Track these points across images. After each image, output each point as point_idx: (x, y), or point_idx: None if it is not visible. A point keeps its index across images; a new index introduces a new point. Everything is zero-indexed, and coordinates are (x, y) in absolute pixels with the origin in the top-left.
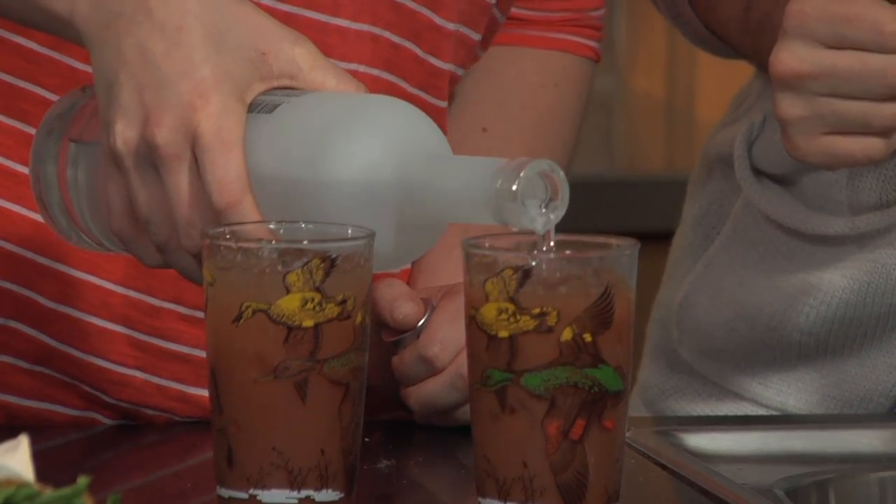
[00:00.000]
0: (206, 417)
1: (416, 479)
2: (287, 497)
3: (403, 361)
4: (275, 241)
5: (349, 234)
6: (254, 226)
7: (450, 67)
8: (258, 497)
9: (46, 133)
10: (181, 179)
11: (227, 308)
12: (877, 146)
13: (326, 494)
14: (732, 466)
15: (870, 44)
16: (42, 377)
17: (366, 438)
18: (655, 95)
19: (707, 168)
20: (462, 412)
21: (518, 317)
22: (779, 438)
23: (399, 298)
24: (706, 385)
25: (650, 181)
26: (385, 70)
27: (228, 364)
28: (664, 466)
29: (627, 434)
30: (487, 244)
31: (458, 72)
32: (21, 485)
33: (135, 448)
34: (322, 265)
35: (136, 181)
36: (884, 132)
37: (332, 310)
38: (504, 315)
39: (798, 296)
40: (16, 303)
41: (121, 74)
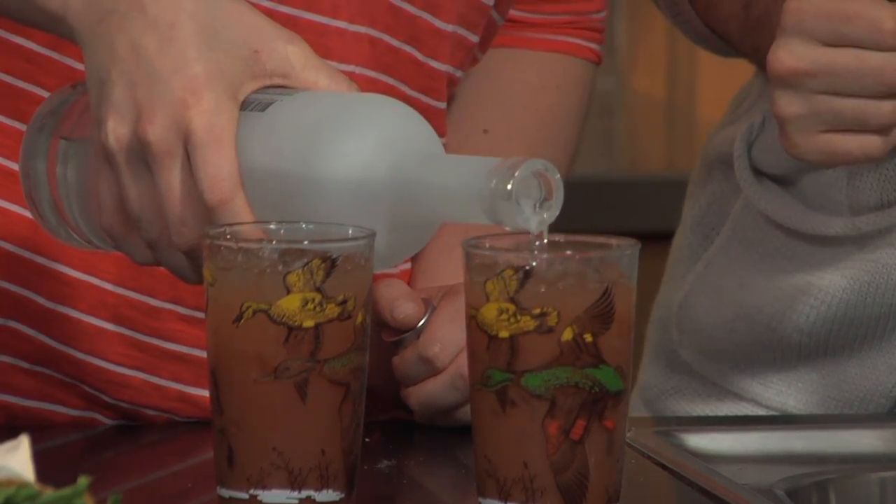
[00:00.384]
0: (206, 417)
1: (417, 480)
2: (287, 497)
3: (404, 361)
4: (275, 242)
5: (350, 235)
6: (250, 226)
7: (447, 69)
8: (258, 497)
9: (37, 130)
10: (173, 176)
11: (228, 308)
12: (875, 144)
13: (327, 495)
14: (733, 467)
15: (868, 42)
16: (42, 377)
17: (366, 438)
18: (656, 96)
19: (707, 168)
20: (462, 412)
21: (518, 317)
22: (779, 439)
23: (399, 298)
24: (706, 385)
25: (650, 181)
26: (384, 73)
27: (229, 364)
28: (664, 467)
29: (628, 434)
30: (488, 244)
31: (456, 73)
32: (21, 485)
33: (135, 448)
34: (323, 265)
35: (128, 178)
36: (881, 130)
37: (333, 310)
38: (504, 315)
39: (798, 296)
40: (15, 303)
41: (113, 71)
